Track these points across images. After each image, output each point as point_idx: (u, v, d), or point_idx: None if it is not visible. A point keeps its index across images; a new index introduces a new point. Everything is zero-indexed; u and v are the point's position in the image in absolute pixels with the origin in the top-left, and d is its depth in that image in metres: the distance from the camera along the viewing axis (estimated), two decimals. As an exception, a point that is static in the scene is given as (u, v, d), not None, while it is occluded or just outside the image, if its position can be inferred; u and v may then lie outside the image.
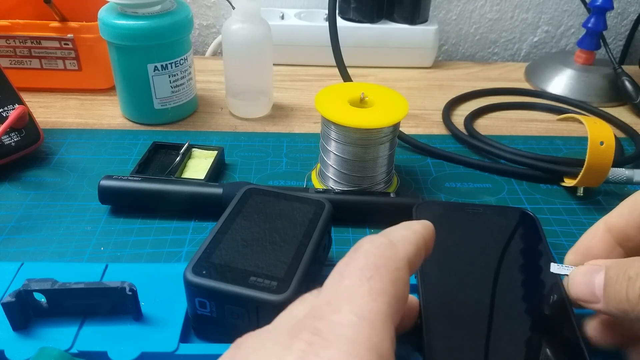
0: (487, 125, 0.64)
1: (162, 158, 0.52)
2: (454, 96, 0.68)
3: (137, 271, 0.37)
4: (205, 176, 0.49)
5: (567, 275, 0.30)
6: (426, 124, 0.64)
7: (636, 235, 0.29)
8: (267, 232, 0.35)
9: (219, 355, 0.22)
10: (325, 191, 0.46)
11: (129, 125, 0.60)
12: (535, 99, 0.70)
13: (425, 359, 0.29)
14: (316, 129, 0.61)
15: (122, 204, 0.46)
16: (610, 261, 0.27)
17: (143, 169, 0.50)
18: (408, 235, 0.25)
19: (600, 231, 0.30)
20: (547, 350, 0.29)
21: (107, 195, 0.46)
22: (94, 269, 0.37)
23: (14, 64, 0.63)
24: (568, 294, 0.30)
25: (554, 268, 0.32)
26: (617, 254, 0.30)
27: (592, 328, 0.30)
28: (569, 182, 0.51)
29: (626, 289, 0.25)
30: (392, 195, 0.46)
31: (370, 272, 0.21)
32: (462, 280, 0.34)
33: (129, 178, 0.46)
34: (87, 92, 0.66)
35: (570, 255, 0.32)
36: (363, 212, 0.45)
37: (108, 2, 0.56)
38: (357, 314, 0.20)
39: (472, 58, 0.89)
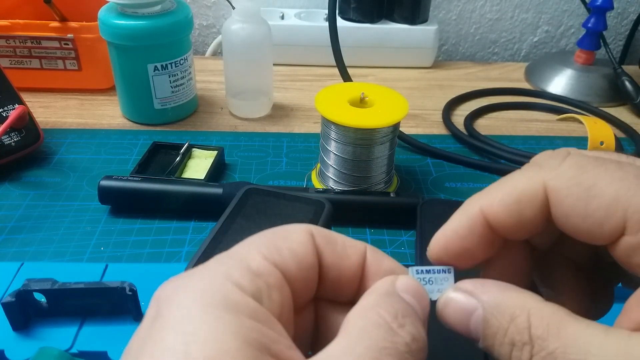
0: (487, 125, 0.64)
1: (162, 158, 0.52)
2: (454, 96, 0.68)
3: (137, 271, 0.37)
4: (205, 176, 0.49)
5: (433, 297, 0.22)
6: (426, 124, 0.64)
7: (522, 234, 0.22)
8: (267, 232, 0.35)
9: None
10: (325, 191, 0.46)
11: (129, 125, 0.60)
12: (535, 99, 0.70)
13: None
14: (316, 129, 0.61)
15: (122, 204, 0.46)
16: (488, 300, 0.21)
17: (143, 169, 0.50)
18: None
19: (478, 226, 0.22)
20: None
21: (107, 196, 0.46)
22: (94, 269, 0.37)
23: (14, 64, 0.63)
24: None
25: (413, 282, 0.22)
26: (494, 245, 0.23)
27: None
28: (569, 182, 0.50)
29: (510, 353, 0.20)
30: (392, 195, 0.46)
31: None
32: (465, 278, 0.34)
33: (129, 178, 0.46)
34: (87, 92, 0.66)
35: (438, 251, 0.23)
36: (363, 212, 0.45)
37: (108, 2, 0.56)
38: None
39: (472, 58, 0.89)
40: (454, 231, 0.23)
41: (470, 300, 0.21)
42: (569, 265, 0.24)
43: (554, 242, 0.25)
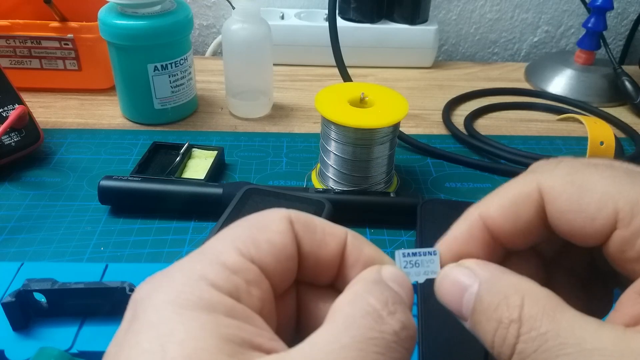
0: (487, 125, 0.64)
1: (162, 158, 0.52)
2: (454, 96, 0.68)
3: (137, 271, 0.37)
4: (205, 176, 0.49)
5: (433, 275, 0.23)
6: (426, 124, 0.64)
7: (520, 239, 0.22)
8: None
9: None
10: (325, 191, 0.46)
11: (129, 125, 0.60)
12: (535, 99, 0.70)
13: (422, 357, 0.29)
14: (316, 129, 0.61)
15: (122, 204, 0.46)
16: (485, 275, 0.21)
17: (143, 169, 0.50)
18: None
19: (477, 231, 0.23)
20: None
21: (107, 196, 0.46)
22: (94, 269, 0.37)
23: (14, 64, 0.63)
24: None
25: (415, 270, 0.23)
26: (496, 252, 0.23)
27: None
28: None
29: (494, 331, 0.19)
30: (392, 195, 0.46)
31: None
32: None
33: (129, 178, 0.46)
34: (87, 92, 0.66)
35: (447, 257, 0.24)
36: (363, 212, 0.45)
37: (108, 2, 0.56)
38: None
39: (472, 58, 0.89)
40: (454, 237, 0.23)
41: (470, 276, 0.21)
42: (568, 274, 0.25)
43: (555, 252, 0.25)
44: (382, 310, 0.19)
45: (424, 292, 0.33)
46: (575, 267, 0.25)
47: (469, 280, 0.21)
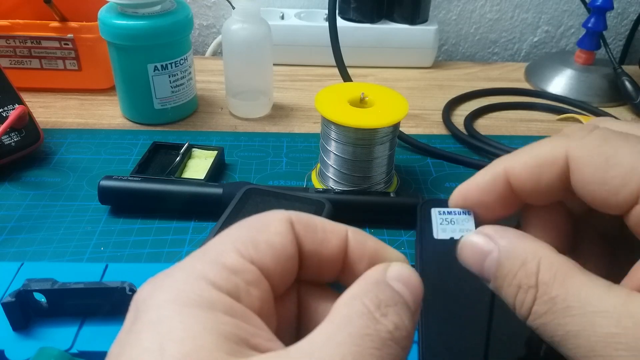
0: (487, 125, 0.64)
1: (162, 158, 0.52)
2: (454, 96, 0.68)
3: (137, 271, 0.37)
4: (205, 176, 0.49)
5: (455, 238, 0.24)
6: (426, 124, 0.64)
7: (540, 198, 0.24)
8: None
9: None
10: (325, 191, 0.46)
11: (129, 125, 0.60)
12: (535, 99, 0.70)
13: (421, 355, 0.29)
14: (316, 129, 0.61)
15: (122, 204, 0.46)
16: (504, 243, 0.22)
17: (143, 169, 0.50)
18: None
19: (500, 186, 0.24)
20: (545, 347, 0.29)
21: (107, 196, 0.46)
22: (94, 269, 0.37)
23: (14, 64, 0.63)
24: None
25: (438, 227, 0.24)
26: (514, 205, 0.24)
27: None
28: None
29: (515, 295, 0.21)
30: (392, 195, 0.46)
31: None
32: (466, 276, 0.34)
33: (129, 178, 0.46)
34: (87, 92, 0.66)
35: (457, 199, 0.25)
36: (363, 212, 0.45)
37: (108, 2, 0.56)
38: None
39: (472, 58, 0.89)
40: (476, 184, 0.25)
41: (489, 243, 0.23)
42: (596, 235, 0.25)
43: (584, 211, 0.25)
44: (375, 312, 0.19)
45: (424, 291, 0.33)
46: (603, 228, 0.25)
47: (488, 247, 0.22)
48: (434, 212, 0.23)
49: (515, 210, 0.25)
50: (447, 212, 0.24)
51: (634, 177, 0.20)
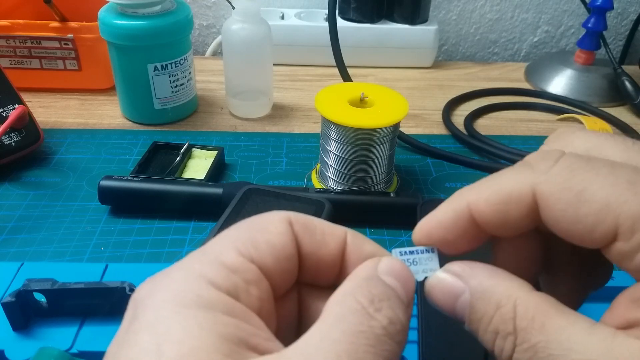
0: (487, 125, 0.64)
1: (162, 158, 0.52)
2: (454, 96, 0.68)
3: (137, 271, 0.37)
4: (205, 176, 0.49)
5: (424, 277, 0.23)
6: (426, 124, 0.64)
7: (508, 232, 0.22)
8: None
9: None
10: (325, 191, 0.46)
11: (129, 125, 0.60)
12: (535, 99, 0.70)
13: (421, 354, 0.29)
14: (316, 129, 0.61)
15: (122, 204, 0.46)
16: (475, 284, 0.21)
17: (143, 169, 0.50)
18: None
19: (464, 222, 0.22)
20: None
21: (107, 196, 0.46)
22: (94, 269, 0.37)
23: (14, 64, 0.63)
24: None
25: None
26: (480, 239, 0.23)
27: None
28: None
29: (493, 341, 0.20)
30: (392, 195, 0.46)
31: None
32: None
33: (129, 178, 0.46)
34: (87, 92, 0.66)
35: (420, 238, 0.24)
36: (363, 212, 0.45)
37: (108, 2, 0.56)
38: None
39: (472, 58, 0.89)
40: (438, 222, 0.23)
41: (458, 282, 0.21)
42: (569, 248, 0.23)
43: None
44: (368, 308, 0.19)
45: (424, 291, 0.33)
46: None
47: (459, 287, 0.21)
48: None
49: (482, 243, 0.23)
50: (409, 251, 0.23)
51: (609, 214, 0.18)
